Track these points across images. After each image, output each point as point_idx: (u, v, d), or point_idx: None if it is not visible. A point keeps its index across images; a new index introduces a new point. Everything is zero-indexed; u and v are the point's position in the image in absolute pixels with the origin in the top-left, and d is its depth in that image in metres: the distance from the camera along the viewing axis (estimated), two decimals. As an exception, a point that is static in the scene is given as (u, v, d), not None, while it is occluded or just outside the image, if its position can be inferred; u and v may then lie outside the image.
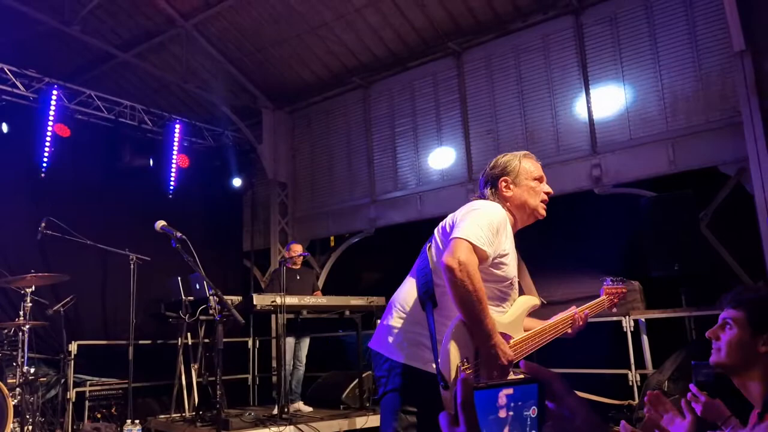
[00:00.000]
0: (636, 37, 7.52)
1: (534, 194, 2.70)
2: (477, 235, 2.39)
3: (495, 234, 2.45)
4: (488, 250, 2.41)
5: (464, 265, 2.28)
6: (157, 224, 3.70)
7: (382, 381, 2.45)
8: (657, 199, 6.81)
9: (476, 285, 2.28)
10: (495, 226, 2.46)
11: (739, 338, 1.98)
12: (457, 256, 2.30)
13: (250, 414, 6.54)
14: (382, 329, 2.53)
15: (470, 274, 2.28)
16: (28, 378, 5.29)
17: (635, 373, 6.70)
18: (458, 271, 2.28)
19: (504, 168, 2.74)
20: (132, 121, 9.03)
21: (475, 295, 2.27)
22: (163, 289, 7.75)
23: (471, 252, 2.34)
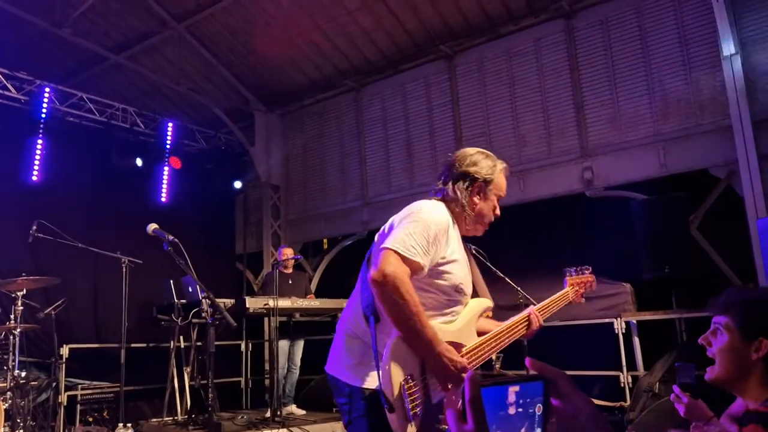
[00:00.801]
0: (627, 41, 7.56)
1: (491, 212, 2.58)
2: (407, 244, 2.23)
3: (431, 242, 2.28)
4: (421, 260, 2.25)
5: (390, 277, 2.13)
6: (149, 227, 3.69)
7: (345, 408, 2.28)
8: (648, 202, 6.85)
9: (406, 297, 2.13)
10: (432, 234, 2.29)
11: (730, 345, 1.91)
12: (383, 269, 2.15)
13: (242, 417, 6.52)
14: (336, 352, 2.38)
15: (398, 285, 2.13)
16: (19, 382, 5.26)
17: (627, 375, 6.74)
18: (384, 285, 2.14)
19: (487, 174, 2.57)
20: (124, 124, 9.01)
21: (407, 308, 2.12)
22: (155, 292, 7.73)
23: (399, 262, 2.18)
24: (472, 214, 2.51)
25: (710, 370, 1.98)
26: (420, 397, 2.12)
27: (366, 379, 2.22)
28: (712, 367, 1.97)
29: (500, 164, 2.63)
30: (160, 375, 7.58)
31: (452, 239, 2.41)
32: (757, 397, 1.90)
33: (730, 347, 1.92)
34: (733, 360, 1.91)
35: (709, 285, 6.57)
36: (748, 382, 1.91)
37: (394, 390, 2.05)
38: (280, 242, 10.25)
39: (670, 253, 6.38)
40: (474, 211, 2.51)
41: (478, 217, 2.53)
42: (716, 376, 1.95)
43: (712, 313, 2.03)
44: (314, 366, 8.37)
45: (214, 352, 7.12)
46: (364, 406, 2.20)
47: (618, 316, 6.89)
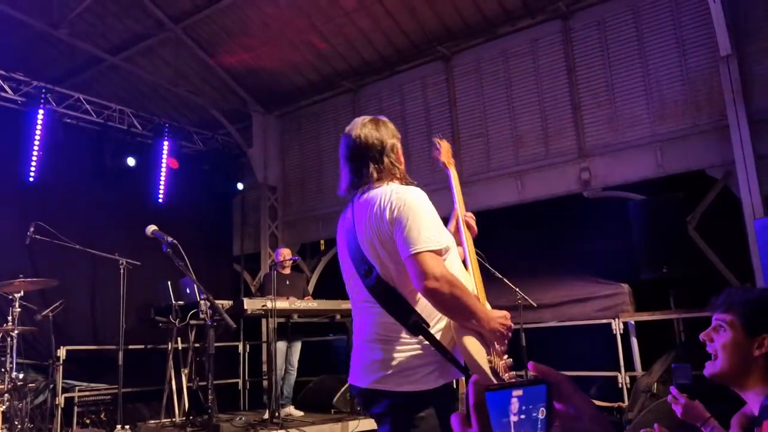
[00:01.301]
0: (624, 42, 7.58)
1: None
2: (432, 239, 2.14)
3: (439, 221, 2.25)
4: (446, 244, 2.23)
5: (442, 279, 2.07)
6: (148, 229, 3.68)
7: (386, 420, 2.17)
8: (645, 203, 6.87)
9: (461, 288, 2.11)
10: (436, 217, 2.24)
11: (733, 341, 1.93)
12: (432, 274, 2.07)
13: (241, 419, 6.51)
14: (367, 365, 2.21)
15: (451, 283, 2.08)
16: (17, 384, 5.25)
17: (625, 376, 6.74)
18: (442, 290, 2.07)
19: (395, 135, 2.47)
20: (121, 125, 9.00)
21: (465, 299, 2.10)
22: (152, 294, 7.71)
23: (438, 259, 2.13)
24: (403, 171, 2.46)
25: (710, 365, 1.99)
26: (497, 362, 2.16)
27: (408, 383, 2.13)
28: (713, 362, 1.98)
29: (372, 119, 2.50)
30: (157, 377, 7.56)
31: None
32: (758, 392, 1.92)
33: (734, 343, 1.93)
34: (736, 356, 1.93)
35: (706, 285, 6.58)
36: (748, 377, 1.93)
37: (486, 371, 2.07)
38: (277, 243, 10.24)
39: (667, 253, 6.40)
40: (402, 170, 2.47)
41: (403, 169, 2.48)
42: (718, 371, 1.97)
43: (713, 311, 2.05)
44: (312, 367, 8.38)
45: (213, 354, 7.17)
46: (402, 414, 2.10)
47: (616, 317, 6.90)
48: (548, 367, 0.98)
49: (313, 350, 8.64)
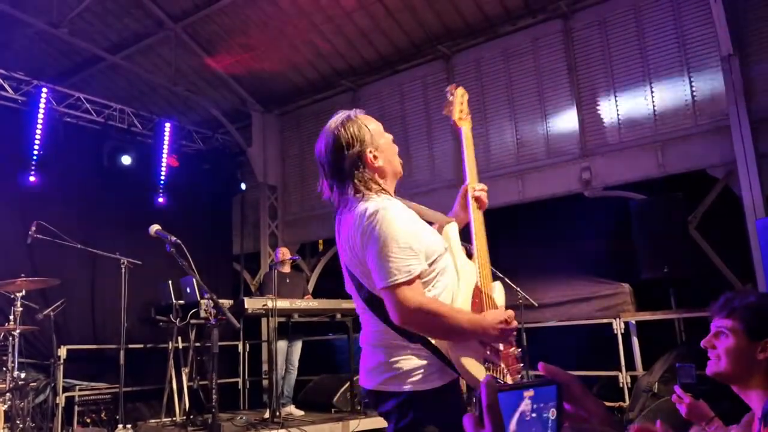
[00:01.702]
0: (625, 41, 7.58)
1: (393, 151, 2.34)
2: (400, 269, 2.03)
3: (416, 241, 2.10)
4: (420, 268, 2.08)
5: (415, 314, 2.02)
6: (151, 228, 3.68)
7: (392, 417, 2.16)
8: (646, 202, 6.88)
9: (441, 314, 2.05)
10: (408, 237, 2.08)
11: (736, 347, 1.94)
12: (403, 312, 2.02)
13: (241, 418, 6.50)
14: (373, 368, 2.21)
15: (428, 312, 2.03)
16: (18, 383, 5.24)
17: (626, 375, 6.75)
18: (416, 323, 2.05)
19: (361, 139, 2.24)
20: (121, 124, 8.98)
21: (448, 322, 2.05)
22: (152, 294, 7.71)
23: (410, 291, 2.03)
24: (389, 175, 2.30)
25: (713, 364, 2.01)
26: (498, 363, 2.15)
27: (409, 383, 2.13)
28: (716, 361, 2.00)
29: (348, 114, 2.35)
30: (157, 376, 7.56)
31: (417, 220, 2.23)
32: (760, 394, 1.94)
33: (737, 348, 1.95)
34: (739, 360, 1.95)
35: (707, 285, 6.60)
36: (751, 380, 1.95)
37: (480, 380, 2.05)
38: (277, 243, 10.24)
39: (668, 253, 6.40)
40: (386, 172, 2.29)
41: (393, 173, 2.32)
42: (721, 371, 1.98)
43: (712, 316, 2.07)
44: (312, 367, 8.38)
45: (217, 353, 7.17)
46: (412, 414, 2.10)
47: (617, 317, 6.90)
48: (558, 368, 0.99)
49: (313, 350, 8.64)
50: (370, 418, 6.69)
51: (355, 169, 2.22)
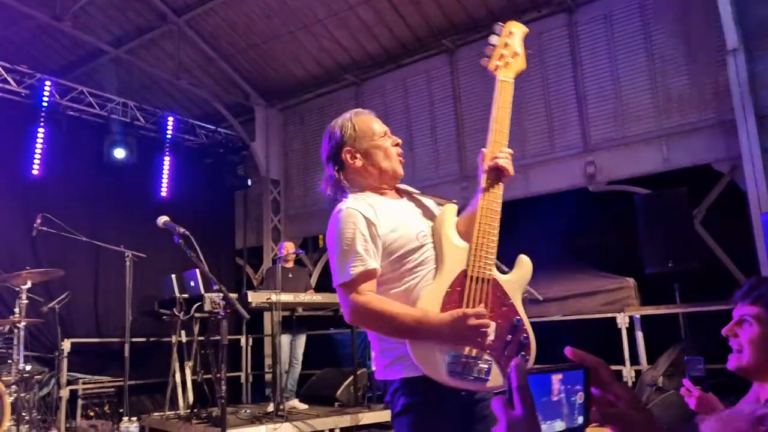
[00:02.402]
0: (630, 35, 7.56)
1: (383, 152, 2.33)
2: (347, 270, 2.11)
3: (365, 242, 2.13)
4: (369, 266, 2.12)
5: (356, 313, 2.10)
6: (160, 220, 3.67)
7: (390, 406, 2.22)
8: (651, 197, 6.87)
9: (383, 316, 2.07)
10: (354, 237, 2.13)
11: (761, 335, 1.85)
12: (348, 310, 2.12)
13: (246, 411, 6.52)
14: (375, 360, 2.30)
15: (368, 314, 2.09)
16: (24, 375, 5.24)
17: (630, 369, 6.74)
18: (359, 321, 2.15)
19: (340, 136, 2.33)
20: (124, 118, 8.97)
21: (389, 320, 2.06)
22: (154, 287, 7.71)
23: (355, 291, 2.10)
24: (371, 176, 2.32)
25: (735, 358, 1.93)
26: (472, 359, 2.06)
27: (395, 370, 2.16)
28: (737, 355, 1.92)
29: (348, 114, 2.42)
30: (161, 369, 7.58)
31: (382, 213, 2.21)
32: None
33: (762, 338, 1.86)
34: (764, 350, 1.87)
35: (712, 279, 6.60)
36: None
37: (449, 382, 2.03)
38: (280, 237, 10.24)
39: (673, 247, 6.40)
40: (367, 174, 2.32)
41: (379, 175, 2.33)
42: (744, 365, 1.90)
43: (735, 303, 2.00)
44: (316, 361, 8.39)
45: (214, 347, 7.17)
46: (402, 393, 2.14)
47: (621, 311, 6.89)
48: (586, 353, 0.99)
49: (315, 344, 8.64)
50: (374, 411, 6.71)
51: (337, 168, 2.33)
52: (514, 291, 2.22)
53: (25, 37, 9.49)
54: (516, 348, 2.15)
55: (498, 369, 2.08)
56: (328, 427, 6.38)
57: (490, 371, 2.07)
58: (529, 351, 2.17)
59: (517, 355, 2.14)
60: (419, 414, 2.08)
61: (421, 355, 2.04)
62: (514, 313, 2.18)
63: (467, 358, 2.05)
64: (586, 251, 7.51)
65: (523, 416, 0.85)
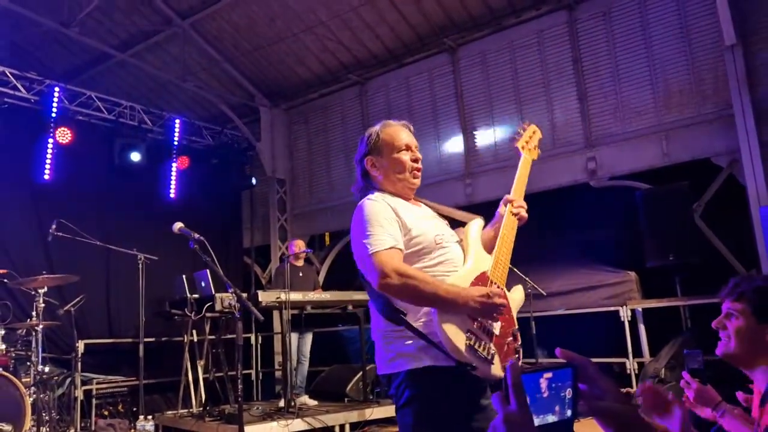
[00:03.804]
0: (629, 32, 7.64)
1: (400, 166, 2.54)
2: (376, 242, 2.30)
3: (389, 225, 2.35)
4: (396, 243, 2.32)
5: (389, 275, 2.23)
6: (175, 226, 3.80)
7: (394, 399, 2.38)
8: (652, 191, 6.96)
9: (417, 278, 2.24)
10: (381, 220, 2.35)
11: (746, 327, 2.05)
12: (378, 274, 2.24)
13: (257, 408, 6.66)
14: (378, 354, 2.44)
15: (403, 275, 2.23)
16: (42, 377, 5.39)
17: (633, 362, 6.86)
18: (391, 285, 2.24)
19: (366, 144, 2.61)
20: (132, 121, 9.09)
21: (422, 286, 2.22)
22: (165, 288, 7.85)
23: (385, 258, 2.27)
24: (388, 181, 2.56)
25: (723, 345, 2.11)
26: (485, 340, 2.25)
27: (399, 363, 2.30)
28: (726, 343, 2.10)
29: (380, 124, 2.66)
30: (172, 369, 7.73)
31: (405, 208, 2.46)
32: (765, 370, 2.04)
33: (746, 330, 2.05)
34: (749, 341, 2.05)
35: (712, 272, 6.69)
36: (757, 359, 2.06)
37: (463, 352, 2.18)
38: (287, 236, 10.36)
39: (674, 241, 6.49)
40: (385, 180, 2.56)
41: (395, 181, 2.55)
42: (730, 352, 2.09)
43: (722, 299, 2.17)
44: (324, 357, 8.53)
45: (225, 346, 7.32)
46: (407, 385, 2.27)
47: (623, 304, 7.01)
48: (573, 353, 1.11)
49: (324, 341, 8.77)
50: (383, 406, 6.83)
51: (363, 172, 2.63)
52: (514, 308, 2.50)
53: (34, 43, 9.63)
54: (512, 351, 2.36)
55: (499, 360, 2.27)
56: (338, 423, 6.52)
57: (494, 357, 2.26)
58: (519, 359, 2.41)
59: (512, 357, 2.35)
60: (424, 404, 2.23)
61: (447, 325, 2.20)
62: (513, 324, 2.43)
63: (482, 337, 2.25)
64: (588, 246, 7.60)
65: (517, 410, 0.96)
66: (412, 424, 2.24)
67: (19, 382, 4.88)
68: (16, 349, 5.59)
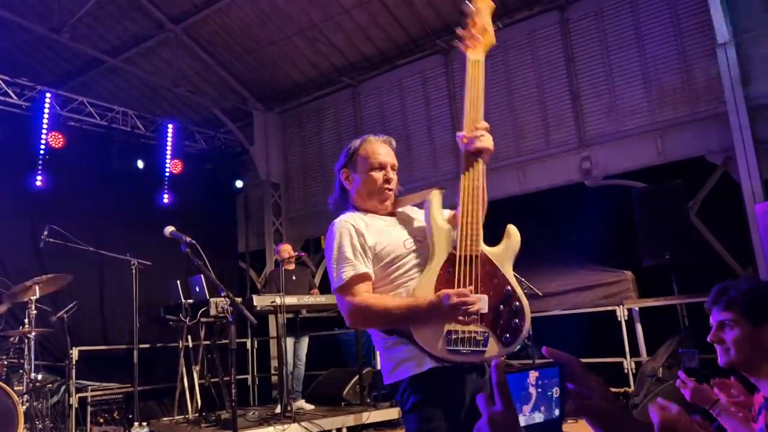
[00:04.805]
0: (621, 31, 7.64)
1: (371, 185, 2.50)
2: (341, 275, 2.30)
3: (355, 251, 2.33)
4: (361, 270, 2.31)
5: (353, 314, 2.27)
6: (167, 230, 3.76)
7: (400, 405, 2.37)
8: (647, 190, 6.95)
9: (372, 307, 2.24)
10: (348, 246, 2.34)
11: (742, 335, 1.99)
12: (346, 314, 2.29)
13: (254, 413, 6.62)
14: (382, 364, 2.44)
15: (360, 309, 2.25)
16: (36, 385, 5.34)
17: (630, 361, 6.84)
18: (358, 321, 2.30)
19: (345, 157, 2.61)
20: (124, 127, 9.05)
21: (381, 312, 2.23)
22: (159, 293, 7.81)
23: (350, 294, 2.28)
24: (360, 196, 2.53)
25: (724, 357, 2.05)
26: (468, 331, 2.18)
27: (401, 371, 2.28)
28: (726, 353, 2.04)
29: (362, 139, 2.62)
30: (167, 375, 7.67)
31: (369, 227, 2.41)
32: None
33: (743, 337, 2.00)
34: (749, 347, 2.00)
35: (708, 271, 6.68)
36: (763, 365, 2.00)
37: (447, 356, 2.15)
38: (282, 240, 10.32)
39: (669, 240, 6.48)
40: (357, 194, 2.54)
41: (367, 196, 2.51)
42: (732, 360, 2.03)
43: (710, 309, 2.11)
44: (320, 362, 8.48)
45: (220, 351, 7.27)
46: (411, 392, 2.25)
47: (620, 304, 6.99)
48: (560, 351, 1.09)
49: (320, 345, 8.73)
50: (380, 410, 6.80)
51: (340, 183, 2.62)
52: (504, 262, 2.34)
53: (24, 50, 9.58)
54: (508, 316, 2.24)
55: (494, 339, 2.19)
56: (335, 427, 6.48)
57: (486, 342, 2.18)
58: (522, 317, 2.25)
59: (510, 322, 2.23)
60: (428, 409, 2.19)
61: (423, 337, 2.18)
62: (505, 283, 2.29)
63: (462, 332, 2.18)
64: (584, 246, 7.59)
65: (502, 410, 0.94)
66: (418, 429, 2.21)
67: (12, 391, 4.82)
68: (9, 357, 5.53)
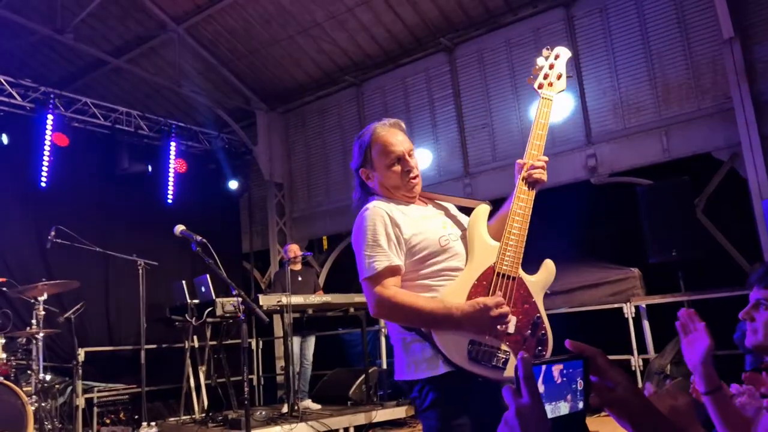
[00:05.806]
0: (627, 27, 7.62)
1: (394, 181, 2.41)
2: (372, 264, 2.23)
3: (388, 240, 2.26)
4: (392, 262, 2.24)
5: (381, 305, 2.21)
6: (177, 229, 3.75)
7: (417, 402, 2.31)
8: (653, 187, 6.93)
9: (405, 306, 2.17)
10: (377, 236, 2.26)
11: None
12: (372, 303, 2.23)
13: (261, 413, 6.61)
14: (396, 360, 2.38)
15: (392, 306, 2.19)
16: (44, 385, 5.34)
17: (638, 358, 6.83)
18: (383, 314, 2.25)
19: (359, 156, 2.47)
20: (128, 127, 9.04)
21: (411, 311, 2.17)
22: (165, 294, 7.80)
23: (379, 284, 2.22)
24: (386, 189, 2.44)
25: (751, 335, 1.96)
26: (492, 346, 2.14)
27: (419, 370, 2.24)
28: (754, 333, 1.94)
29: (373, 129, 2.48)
30: (174, 375, 7.66)
31: (403, 216, 2.34)
32: None
33: None
34: None
35: (715, 267, 6.66)
36: None
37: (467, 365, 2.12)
38: (285, 240, 10.31)
39: (676, 237, 6.46)
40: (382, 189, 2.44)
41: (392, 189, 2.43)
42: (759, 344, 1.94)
43: (752, 286, 2.05)
44: (327, 361, 8.48)
45: (227, 351, 7.27)
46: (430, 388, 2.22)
47: (627, 301, 6.98)
48: (584, 344, 1.09)
49: (325, 344, 8.73)
50: (387, 409, 6.80)
51: (361, 182, 2.51)
52: (538, 291, 2.33)
53: (27, 51, 9.57)
54: (534, 343, 2.24)
55: (515, 361, 2.14)
56: (342, 426, 6.48)
57: (507, 362, 2.16)
58: (546, 347, 2.26)
59: (535, 350, 2.23)
60: (449, 406, 2.17)
61: (444, 341, 2.14)
62: (535, 311, 2.27)
63: (487, 346, 2.15)
64: (591, 243, 7.57)
65: (529, 403, 0.95)
66: (438, 427, 2.17)
67: (21, 391, 4.82)
68: (17, 358, 5.53)
